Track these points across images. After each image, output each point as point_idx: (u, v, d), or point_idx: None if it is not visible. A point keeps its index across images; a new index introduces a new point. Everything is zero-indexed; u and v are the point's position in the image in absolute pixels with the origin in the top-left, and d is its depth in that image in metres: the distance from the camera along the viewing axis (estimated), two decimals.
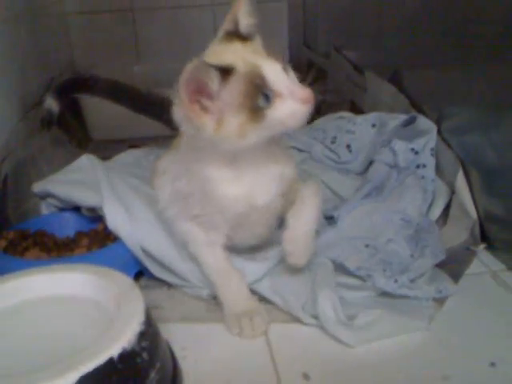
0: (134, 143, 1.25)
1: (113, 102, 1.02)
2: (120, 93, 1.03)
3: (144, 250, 0.76)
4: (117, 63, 1.69)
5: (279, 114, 0.60)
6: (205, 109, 0.60)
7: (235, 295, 0.70)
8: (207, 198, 0.69)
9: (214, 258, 0.73)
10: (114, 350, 0.48)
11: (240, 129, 0.60)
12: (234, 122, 0.60)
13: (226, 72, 0.59)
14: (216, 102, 0.60)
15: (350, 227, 0.80)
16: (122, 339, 0.50)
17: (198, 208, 0.71)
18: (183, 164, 0.71)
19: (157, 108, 0.99)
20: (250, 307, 0.68)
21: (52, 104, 0.98)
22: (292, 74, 0.63)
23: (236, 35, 0.64)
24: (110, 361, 0.48)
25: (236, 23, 0.65)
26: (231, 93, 0.60)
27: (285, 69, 0.61)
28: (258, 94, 0.59)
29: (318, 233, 0.80)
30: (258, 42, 0.65)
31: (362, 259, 0.73)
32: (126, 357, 0.49)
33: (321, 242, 0.79)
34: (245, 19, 0.65)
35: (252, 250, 0.80)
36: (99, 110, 1.35)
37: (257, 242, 0.78)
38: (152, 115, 1.02)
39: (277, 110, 0.60)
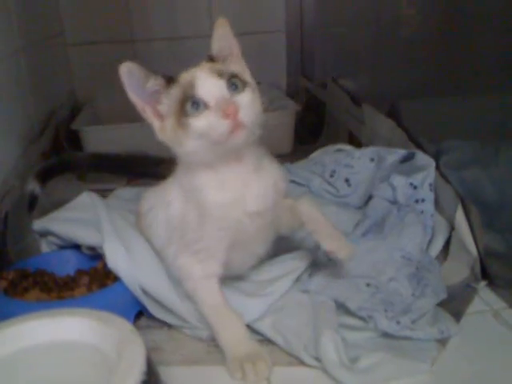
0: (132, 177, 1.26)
1: (98, 172, 1.04)
2: (102, 163, 1.06)
3: (143, 290, 0.76)
4: (117, 94, 1.71)
5: (199, 124, 0.65)
6: (156, 112, 0.69)
7: (235, 338, 0.69)
8: (202, 211, 0.71)
9: (211, 294, 0.73)
10: None
11: (174, 134, 0.67)
12: (169, 125, 0.68)
13: (169, 80, 0.68)
14: (161, 105, 0.68)
15: (351, 265, 0.79)
16: None
17: (194, 231, 0.72)
18: (175, 185, 0.75)
19: (140, 166, 1.03)
20: (252, 351, 0.68)
21: (35, 187, 0.99)
22: (244, 96, 0.66)
23: (210, 56, 0.72)
24: None
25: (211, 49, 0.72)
26: (170, 99, 0.68)
27: (229, 90, 0.66)
28: (188, 101, 0.66)
29: (319, 269, 0.81)
30: (227, 65, 0.71)
31: (363, 299, 0.73)
32: None
33: (322, 280, 0.79)
34: (215, 45, 0.72)
35: (250, 281, 0.81)
36: (99, 142, 1.36)
37: (254, 263, 0.80)
38: (137, 174, 1.05)
39: (199, 119, 0.65)
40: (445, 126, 0.97)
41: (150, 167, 1.01)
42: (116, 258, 0.76)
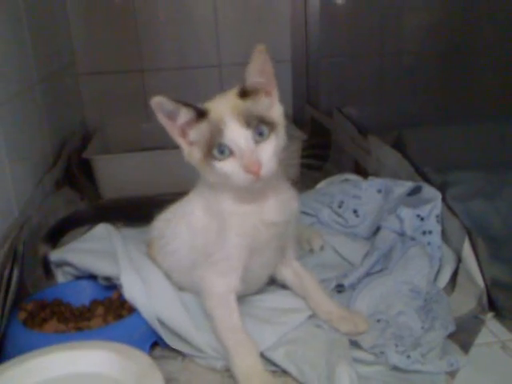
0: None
1: (103, 221, 1.04)
2: (105, 212, 1.07)
3: (159, 321, 0.77)
4: (126, 122, 1.75)
5: (223, 169, 0.69)
6: (186, 138, 0.72)
7: (249, 368, 0.70)
8: (221, 220, 0.74)
9: (229, 313, 0.75)
10: None
11: (200, 164, 0.72)
12: (196, 156, 0.72)
13: (200, 114, 0.70)
14: (191, 132, 0.71)
15: (362, 308, 0.82)
16: None
17: (215, 242, 0.75)
18: (195, 200, 0.80)
19: (142, 209, 1.06)
20: (266, 383, 0.69)
21: (48, 251, 0.98)
22: (268, 145, 0.69)
23: (243, 89, 0.71)
24: None
25: (245, 79, 0.71)
26: (199, 134, 0.71)
27: (255, 138, 0.69)
28: (215, 146, 0.69)
29: None
30: (257, 102, 0.71)
31: (375, 336, 0.75)
32: None
33: None
34: (251, 75, 0.71)
35: (264, 308, 0.83)
36: (110, 171, 1.40)
37: (267, 277, 0.84)
38: (141, 218, 1.06)
39: (224, 165, 0.69)
40: (451, 157, 0.99)
41: (151, 209, 1.04)
42: (133, 290, 0.79)
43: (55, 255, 0.90)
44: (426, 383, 0.69)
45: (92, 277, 0.89)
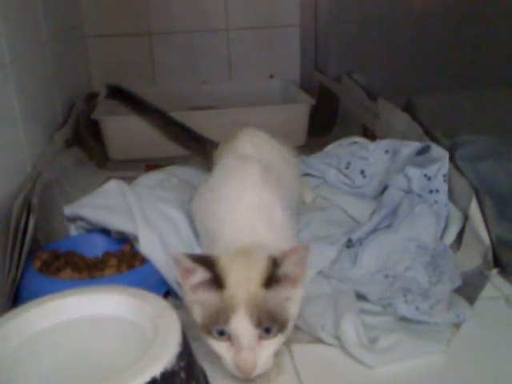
0: (150, 163, 1.30)
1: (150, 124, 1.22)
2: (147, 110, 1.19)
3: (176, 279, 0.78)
4: (133, 84, 1.75)
5: (216, 349, 0.63)
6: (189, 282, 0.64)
7: None
8: None
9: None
10: (156, 370, 0.51)
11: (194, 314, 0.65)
12: (195, 314, 0.65)
13: (217, 283, 0.62)
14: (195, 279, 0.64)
15: (369, 263, 0.83)
16: (163, 360, 0.53)
17: None
18: None
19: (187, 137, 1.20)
20: None
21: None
22: (272, 345, 0.62)
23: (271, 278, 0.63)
24: (154, 380, 0.51)
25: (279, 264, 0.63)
26: (206, 298, 0.63)
27: (260, 335, 0.61)
28: (216, 326, 0.62)
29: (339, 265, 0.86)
30: (280, 292, 0.63)
31: (382, 290, 0.77)
32: (167, 376, 0.52)
33: (343, 277, 0.82)
34: (286, 267, 0.62)
35: None
36: (118, 132, 1.40)
37: None
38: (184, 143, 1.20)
39: (218, 347, 0.62)
40: (460, 119, 1.00)
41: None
42: (150, 245, 0.80)
43: (69, 210, 0.91)
44: (432, 333, 0.71)
45: (104, 230, 0.90)
